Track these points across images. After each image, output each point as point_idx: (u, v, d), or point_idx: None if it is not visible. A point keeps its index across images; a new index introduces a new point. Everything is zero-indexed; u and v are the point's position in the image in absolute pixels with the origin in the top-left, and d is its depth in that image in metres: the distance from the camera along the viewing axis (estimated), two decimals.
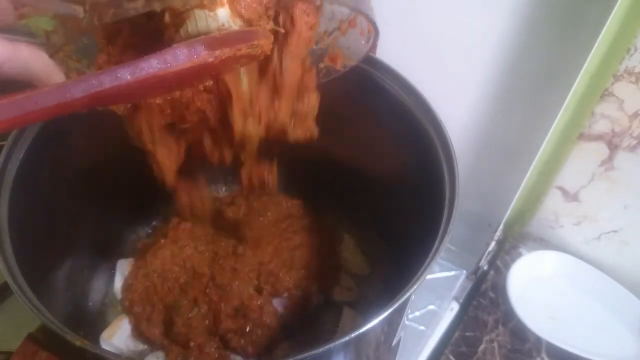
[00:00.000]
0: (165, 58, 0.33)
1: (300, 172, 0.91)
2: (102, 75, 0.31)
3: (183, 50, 0.33)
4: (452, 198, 0.57)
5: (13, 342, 0.49)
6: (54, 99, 0.30)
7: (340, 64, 0.54)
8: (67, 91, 0.30)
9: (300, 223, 0.85)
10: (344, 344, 0.45)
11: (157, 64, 0.32)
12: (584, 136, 0.76)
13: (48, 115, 0.30)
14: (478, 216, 0.89)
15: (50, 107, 0.30)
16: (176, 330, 0.71)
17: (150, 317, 0.74)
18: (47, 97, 0.30)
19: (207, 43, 0.34)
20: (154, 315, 0.74)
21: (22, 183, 0.59)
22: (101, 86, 0.31)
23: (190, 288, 0.75)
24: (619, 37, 0.65)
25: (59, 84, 0.31)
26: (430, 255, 0.52)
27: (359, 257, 0.85)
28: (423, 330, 0.83)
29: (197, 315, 0.72)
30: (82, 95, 0.30)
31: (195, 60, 0.33)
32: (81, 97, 0.30)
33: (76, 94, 0.30)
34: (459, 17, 0.71)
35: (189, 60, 0.33)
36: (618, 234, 0.83)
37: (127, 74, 0.32)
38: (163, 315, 0.74)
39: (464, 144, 0.79)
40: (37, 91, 0.30)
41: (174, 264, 0.78)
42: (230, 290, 0.73)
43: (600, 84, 0.70)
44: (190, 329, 0.71)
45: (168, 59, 0.33)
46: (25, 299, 0.48)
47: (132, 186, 0.82)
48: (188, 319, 0.72)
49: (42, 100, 0.30)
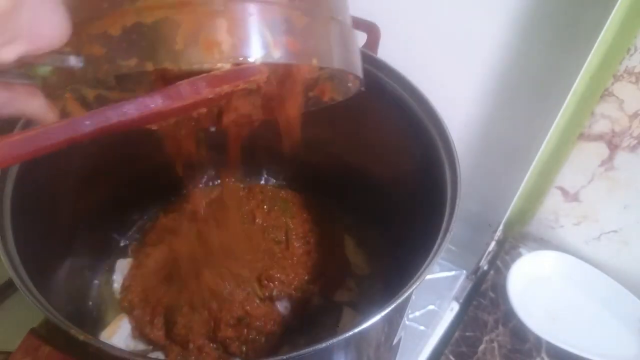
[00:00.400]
0: (170, 95, 0.35)
1: (300, 172, 0.91)
2: (109, 111, 0.33)
3: (186, 88, 0.35)
4: (454, 198, 0.57)
5: (13, 342, 0.49)
6: (64, 134, 0.32)
7: (328, 97, 0.55)
8: (77, 126, 0.33)
9: (302, 224, 0.85)
10: (344, 342, 0.45)
11: (162, 101, 0.35)
12: (584, 136, 0.76)
13: (57, 148, 0.33)
14: (478, 216, 0.89)
15: (60, 141, 0.32)
16: (176, 331, 0.71)
17: (152, 320, 0.73)
18: (58, 133, 0.32)
19: (208, 81, 0.36)
20: (155, 318, 0.73)
21: (24, 181, 0.59)
22: (108, 121, 0.33)
23: (187, 290, 0.73)
24: (619, 37, 0.65)
25: (68, 120, 0.33)
26: (431, 255, 0.52)
27: (359, 257, 0.85)
28: (423, 330, 0.83)
29: (198, 319, 0.72)
30: (90, 130, 0.33)
31: (198, 97, 0.36)
32: (89, 131, 0.33)
33: (85, 129, 0.33)
34: (459, 17, 0.71)
35: (192, 98, 0.36)
36: (618, 234, 0.83)
37: (134, 109, 0.34)
38: (163, 317, 0.74)
39: (464, 143, 0.79)
40: (49, 127, 0.32)
41: (167, 264, 0.77)
42: (232, 300, 0.72)
43: (600, 84, 0.70)
44: (190, 331, 0.71)
45: (173, 96, 0.35)
46: (29, 294, 0.48)
47: (130, 186, 0.83)
48: (189, 321, 0.71)
49: (54, 135, 0.32)
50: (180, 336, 0.71)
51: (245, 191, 0.91)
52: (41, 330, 0.49)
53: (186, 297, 0.72)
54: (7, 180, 0.57)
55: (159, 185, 0.89)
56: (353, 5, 0.67)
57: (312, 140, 0.84)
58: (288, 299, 0.76)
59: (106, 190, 0.76)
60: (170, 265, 0.77)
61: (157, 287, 0.76)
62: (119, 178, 0.77)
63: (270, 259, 0.78)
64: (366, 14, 0.72)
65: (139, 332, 0.74)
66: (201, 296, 0.72)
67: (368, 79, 0.70)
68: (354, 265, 0.84)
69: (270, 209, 0.87)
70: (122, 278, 0.80)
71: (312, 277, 0.78)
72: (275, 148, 0.52)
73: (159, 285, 0.76)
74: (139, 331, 0.74)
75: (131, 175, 0.80)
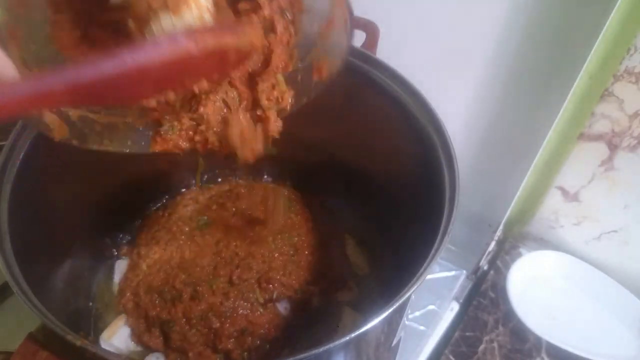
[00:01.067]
0: (145, 49, 0.31)
1: (300, 172, 0.91)
2: (82, 68, 0.29)
3: (163, 39, 0.32)
4: (453, 198, 0.57)
5: (13, 343, 0.49)
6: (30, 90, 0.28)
7: (326, 72, 0.54)
8: (44, 83, 0.28)
9: (306, 222, 0.84)
10: (344, 343, 0.45)
11: (138, 54, 0.30)
12: (584, 136, 0.76)
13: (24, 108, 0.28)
14: (478, 216, 0.89)
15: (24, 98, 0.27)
16: (173, 343, 0.71)
17: (149, 328, 0.73)
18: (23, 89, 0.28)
19: (187, 33, 0.33)
20: (152, 327, 0.73)
21: (22, 183, 0.59)
22: (83, 78, 0.29)
23: (182, 305, 0.72)
24: (619, 38, 0.65)
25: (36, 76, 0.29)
26: (431, 255, 0.53)
27: (359, 257, 0.85)
28: (423, 330, 0.83)
29: (196, 333, 0.71)
30: (63, 87, 0.28)
31: (178, 49, 0.32)
32: (61, 90, 0.28)
33: (55, 86, 0.28)
34: (459, 17, 0.71)
35: (172, 50, 0.31)
36: (618, 234, 0.83)
37: (110, 66, 0.29)
38: (160, 327, 0.73)
39: (463, 143, 0.79)
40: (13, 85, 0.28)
41: (160, 269, 0.76)
42: (234, 316, 0.71)
43: (600, 84, 0.70)
44: (188, 342, 0.70)
45: (148, 50, 0.31)
46: (25, 298, 0.48)
47: (129, 187, 0.82)
48: (185, 335, 0.70)
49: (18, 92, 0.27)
50: (178, 347, 0.71)
51: (247, 189, 0.91)
52: (38, 335, 0.49)
53: (182, 311, 0.71)
54: (5, 184, 0.57)
55: (158, 186, 0.89)
56: (352, 4, 0.67)
57: (312, 140, 0.85)
58: (288, 300, 0.75)
59: (104, 191, 0.76)
60: (164, 270, 0.76)
61: (150, 295, 0.74)
62: (118, 179, 0.77)
63: (272, 259, 0.77)
64: (365, 13, 0.72)
65: (137, 338, 0.73)
66: (199, 311, 0.71)
67: (367, 78, 0.71)
68: (354, 265, 0.84)
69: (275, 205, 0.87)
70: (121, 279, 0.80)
71: (313, 278, 0.77)
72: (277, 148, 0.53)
73: (151, 293, 0.74)
74: (137, 338, 0.73)
75: (131, 176, 0.80)
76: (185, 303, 0.71)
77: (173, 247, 0.78)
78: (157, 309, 0.72)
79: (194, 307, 0.70)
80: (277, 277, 0.75)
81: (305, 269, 0.78)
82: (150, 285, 0.75)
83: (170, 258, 0.77)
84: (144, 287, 0.75)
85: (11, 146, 0.59)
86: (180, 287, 0.72)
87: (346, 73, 0.63)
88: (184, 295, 0.72)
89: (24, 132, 0.60)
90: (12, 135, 0.59)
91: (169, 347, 0.72)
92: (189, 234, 0.80)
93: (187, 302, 0.71)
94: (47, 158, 0.63)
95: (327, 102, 0.56)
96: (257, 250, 0.77)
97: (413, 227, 0.66)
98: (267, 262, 0.76)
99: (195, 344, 0.70)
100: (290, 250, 0.79)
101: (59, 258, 0.70)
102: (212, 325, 0.70)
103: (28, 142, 0.60)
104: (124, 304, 0.75)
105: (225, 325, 0.70)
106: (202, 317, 0.70)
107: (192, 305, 0.71)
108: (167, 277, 0.75)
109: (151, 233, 0.83)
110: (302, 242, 0.81)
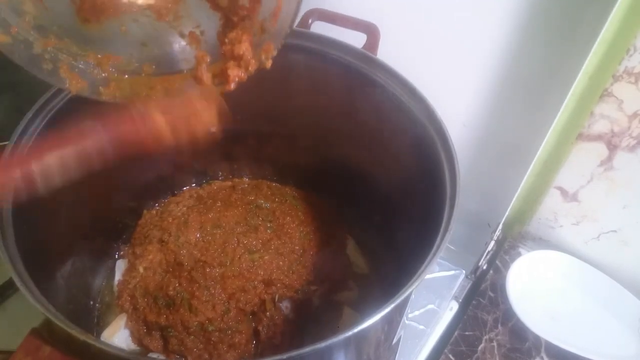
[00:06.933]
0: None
1: (300, 172, 0.92)
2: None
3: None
4: (453, 197, 0.57)
5: (13, 342, 0.49)
6: None
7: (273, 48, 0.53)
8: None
9: (303, 225, 0.85)
10: (344, 341, 0.45)
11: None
12: (583, 136, 0.76)
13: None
14: (477, 216, 0.89)
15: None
16: (171, 347, 0.71)
17: (149, 332, 0.73)
18: None
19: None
20: (152, 331, 0.73)
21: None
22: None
23: (179, 314, 0.71)
24: (619, 38, 0.65)
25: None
26: (430, 254, 0.53)
27: (359, 257, 0.85)
28: (423, 329, 0.84)
29: (194, 340, 0.71)
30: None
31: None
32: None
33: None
34: (458, 18, 0.71)
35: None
36: (617, 234, 0.84)
37: None
38: (160, 332, 0.73)
39: (463, 143, 0.79)
40: None
41: (156, 271, 0.76)
42: (232, 331, 0.71)
43: (600, 84, 0.70)
44: (185, 348, 0.71)
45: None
46: (30, 294, 0.48)
47: (129, 188, 0.83)
48: (183, 341, 0.71)
49: None
50: (176, 350, 0.71)
51: (251, 186, 0.92)
52: (42, 330, 0.49)
53: (179, 319, 0.71)
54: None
55: (158, 186, 0.90)
56: (353, 6, 0.67)
57: (312, 141, 0.85)
58: (290, 299, 0.76)
59: (105, 193, 0.76)
60: (160, 272, 0.76)
61: (147, 298, 0.74)
62: (118, 180, 0.77)
63: (274, 259, 0.78)
64: (366, 15, 0.72)
65: (137, 341, 0.73)
66: (197, 321, 0.71)
67: (368, 79, 0.71)
68: (354, 265, 0.84)
69: (281, 202, 0.87)
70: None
71: (314, 278, 0.78)
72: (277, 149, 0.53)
73: (147, 296, 0.74)
74: (138, 341, 0.73)
75: (131, 177, 0.80)
76: (180, 314, 0.71)
77: (166, 247, 0.78)
78: (154, 314, 0.72)
79: (191, 319, 0.70)
80: (279, 278, 0.75)
81: (307, 270, 0.78)
82: (146, 289, 0.75)
83: (163, 259, 0.77)
84: (140, 290, 0.75)
85: (13, 147, 0.59)
86: (173, 294, 0.72)
87: (348, 74, 0.63)
88: (177, 302, 0.71)
89: (26, 132, 0.61)
90: (14, 135, 0.60)
91: (168, 350, 0.72)
92: (177, 232, 0.80)
93: (182, 313, 0.71)
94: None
95: (329, 102, 0.57)
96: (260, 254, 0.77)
97: (413, 227, 0.67)
98: (270, 262, 0.77)
99: (193, 349, 0.71)
100: (300, 249, 0.80)
101: (61, 258, 0.70)
102: (212, 339, 0.70)
103: (30, 143, 0.60)
104: (122, 305, 0.76)
105: (223, 338, 0.71)
106: (200, 327, 0.71)
107: (189, 316, 0.71)
108: (161, 281, 0.75)
109: (144, 232, 0.83)
110: (309, 242, 0.81)
